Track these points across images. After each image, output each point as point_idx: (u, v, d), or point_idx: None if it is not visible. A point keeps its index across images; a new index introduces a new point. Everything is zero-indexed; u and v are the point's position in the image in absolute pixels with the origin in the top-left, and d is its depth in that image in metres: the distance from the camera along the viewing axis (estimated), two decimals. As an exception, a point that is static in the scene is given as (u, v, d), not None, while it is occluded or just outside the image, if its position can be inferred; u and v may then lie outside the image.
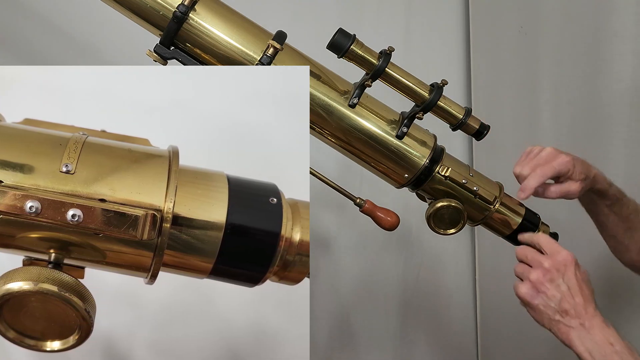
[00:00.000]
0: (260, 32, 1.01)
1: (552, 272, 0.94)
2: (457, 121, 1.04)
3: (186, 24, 0.95)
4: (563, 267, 0.94)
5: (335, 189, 1.07)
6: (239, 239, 0.82)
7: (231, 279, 0.87)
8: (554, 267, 0.94)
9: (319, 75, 1.02)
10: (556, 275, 0.93)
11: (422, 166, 1.05)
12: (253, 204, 0.85)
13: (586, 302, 0.93)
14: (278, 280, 0.89)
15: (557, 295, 0.93)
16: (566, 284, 0.93)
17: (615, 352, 0.89)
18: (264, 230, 0.84)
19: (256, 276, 0.86)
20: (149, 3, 0.95)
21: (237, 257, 0.83)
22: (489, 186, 1.09)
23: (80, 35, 1.41)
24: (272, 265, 0.85)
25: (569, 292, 0.93)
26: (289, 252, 0.85)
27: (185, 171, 0.85)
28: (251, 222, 0.83)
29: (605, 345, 0.90)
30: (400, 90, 1.02)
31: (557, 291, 0.93)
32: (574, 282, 0.93)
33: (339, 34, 0.99)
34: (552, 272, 0.94)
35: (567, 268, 0.94)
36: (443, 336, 1.91)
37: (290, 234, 0.85)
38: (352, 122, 1.03)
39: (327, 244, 1.75)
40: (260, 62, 0.96)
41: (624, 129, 1.39)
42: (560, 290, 0.93)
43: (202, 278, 0.86)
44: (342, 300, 1.80)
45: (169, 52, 0.98)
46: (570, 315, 0.92)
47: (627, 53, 1.36)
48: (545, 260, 0.95)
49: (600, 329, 0.91)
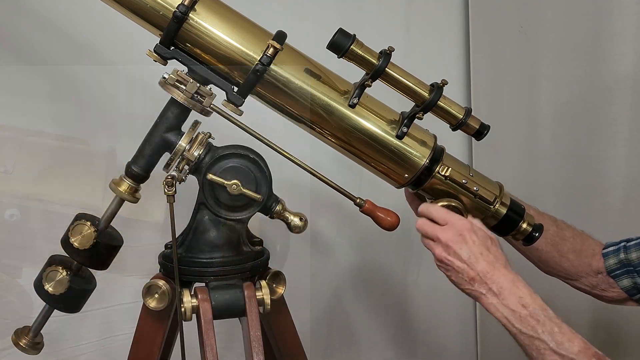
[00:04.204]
0: (260, 32, 1.01)
1: (450, 246, 0.96)
2: (457, 121, 1.04)
3: (186, 24, 0.96)
4: (459, 236, 0.96)
5: (335, 189, 1.07)
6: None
7: None
8: (451, 240, 0.96)
9: (319, 75, 1.02)
10: (456, 246, 0.95)
11: (422, 166, 1.05)
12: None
13: (491, 265, 0.94)
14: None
15: (462, 265, 0.95)
16: (466, 253, 0.95)
17: (529, 315, 0.90)
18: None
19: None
20: (149, 3, 0.95)
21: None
22: (489, 186, 1.09)
23: (80, 35, 1.41)
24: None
25: (470, 260, 0.95)
26: None
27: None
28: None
29: (518, 308, 0.91)
30: (400, 90, 1.02)
31: (460, 262, 0.95)
32: (474, 248, 0.95)
33: (339, 34, 0.99)
34: (450, 246, 0.96)
35: (463, 237, 0.96)
36: (443, 336, 1.91)
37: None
38: (352, 122, 1.03)
39: (327, 244, 1.75)
40: (261, 62, 0.96)
41: (625, 128, 1.39)
42: (463, 260, 0.95)
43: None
44: (342, 300, 1.79)
45: (169, 52, 0.98)
46: (478, 282, 0.94)
47: (627, 53, 1.37)
48: (441, 233, 0.97)
49: (509, 291, 0.92)
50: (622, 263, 1.15)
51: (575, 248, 1.19)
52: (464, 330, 1.91)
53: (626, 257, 1.15)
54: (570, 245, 1.19)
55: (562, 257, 1.19)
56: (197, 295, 0.97)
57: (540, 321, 0.89)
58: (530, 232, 1.10)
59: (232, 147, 1.02)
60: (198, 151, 1.00)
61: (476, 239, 0.96)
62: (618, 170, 1.41)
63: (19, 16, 1.37)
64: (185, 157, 0.99)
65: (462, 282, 0.96)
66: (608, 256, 1.17)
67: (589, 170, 1.48)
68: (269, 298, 1.00)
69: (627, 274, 1.15)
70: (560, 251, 1.19)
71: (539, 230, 1.10)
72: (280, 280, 1.09)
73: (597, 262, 1.18)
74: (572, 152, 1.52)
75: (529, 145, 1.64)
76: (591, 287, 1.20)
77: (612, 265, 1.16)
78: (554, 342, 0.88)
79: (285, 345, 1.14)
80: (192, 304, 0.97)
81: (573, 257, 1.19)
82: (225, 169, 1.01)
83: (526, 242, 1.11)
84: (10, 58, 1.38)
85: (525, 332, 0.90)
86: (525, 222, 1.09)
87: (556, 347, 0.88)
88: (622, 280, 1.16)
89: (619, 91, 1.39)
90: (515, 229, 1.09)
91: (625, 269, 1.15)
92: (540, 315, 0.90)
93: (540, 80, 1.59)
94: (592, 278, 1.19)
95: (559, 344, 0.88)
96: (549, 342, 0.88)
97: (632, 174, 1.39)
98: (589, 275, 1.19)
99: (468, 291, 0.96)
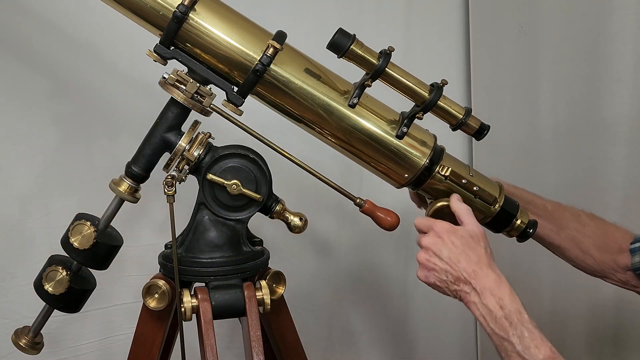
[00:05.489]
0: (260, 32, 1.01)
1: (430, 249, 0.96)
2: (457, 121, 1.04)
3: (186, 24, 0.96)
4: (438, 239, 0.96)
5: (335, 189, 1.07)
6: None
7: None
8: (430, 243, 0.97)
9: (319, 75, 1.02)
10: (434, 247, 0.96)
11: (422, 166, 1.05)
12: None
13: (473, 264, 0.94)
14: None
15: (445, 266, 0.95)
16: (446, 255, 0.95)
17: (504, 317, 0.90)
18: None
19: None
20: (149, 3, 0.95)
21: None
22: (489, 186, 1.09)
23: (80, 35, 1.41)
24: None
25: (451, 260, 0.95)
26: None
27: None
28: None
29: (495, 309, 0.91)
30: (400, 90, 1.02)
31: (442, 263, 0.95)
32: (452, 249, 0.95)
33: (339, 34, 0.99)
34: (430, 249, 0.96)
35: (442, 239, 0.96)
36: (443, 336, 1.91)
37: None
38: (352, 122, 1.03)
39: (327, 243, 1.75)
40: (261, 62, 0.96)
41: (625, 128, 1.39)
42: (444, 260, 0.95)
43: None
44: (342, 300, 1.79)
45: (169, 52, 0.98)
46: (463, 281, 0.94)
47: (627, 53, 1.36)
48: (423, 239, 0.98)
49: (490, 291, 0.92)
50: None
51: (597, 244, 1.14)
52: (464, 330, 1.91)
53: None
54: (592, 242, 1.15)
55: (585, 255, 1.15)
56: (197, 295, 0.98)
57: (512, 324, 0.89)
58: (524, 228, 1.10)
59: (232, 147, 1.03)
60: (198, 151, 1.00)
61: (455, 239, 0.96)
62: (618, 170, 1.41)
63: (19, 16, 1.37)
64: (185, 157, 0.99)
65: (447, 284, 0.95)
66: (635, 252, 1.11)
67: (589, 170, 1.48)
68: (269, 298, 1.00)
69: None
70: (582, 249, 1.15)
71: (533, 227, 1.10)
72: (280, 280, 1.09)
73: (624, 258, 1.12)
74: (572, 152, 1.52)
75: (529, 145, 1.64)
76: (623, 283, 1.15)
77: (638, 263, 1.10)
78: (521, 346, 0.87)
79: (285, 345, 1.14)
80: (192, 304, 0.97)
81: (597, 253, 1.14)
82: (225, 169, 1.01)
83: (520, 238, 1.11)
84: (10, 58, 1.38)
85: (498, 332, 0.90)
86: (519, 219, 1.10)
87: (522, 350, 0.87)
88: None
89: (619, 91, 1.39)
90: (509, 225, 1.09)
91: None
92: (514, 318, 0.89)
93: (540, 80, 1.58)
94: (621, 274, 1.14)
95: (525, 348, 0.87)
96: (517, 345, 0.88)
97: (632, 174, 1.39)
98: (617, 271, 1.14)
99: (455, 291, 0.95)
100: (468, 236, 0.97)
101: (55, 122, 1.42)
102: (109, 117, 1.46)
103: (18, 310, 1.42)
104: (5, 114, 1.39)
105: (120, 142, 1.44)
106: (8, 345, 1.06)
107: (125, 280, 1.51)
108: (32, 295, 1.00)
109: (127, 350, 1.07)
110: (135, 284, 1.41)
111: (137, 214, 1.47)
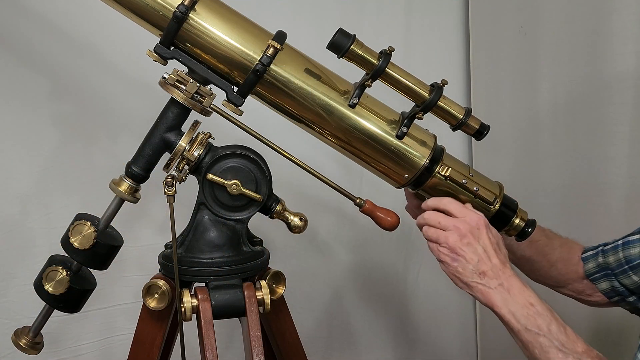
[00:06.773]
0: (260, 32, 1.01)
1: (467, 236, 0.96)
2: (457, 121, 1.04)
3: (186, 24, 0.95)
4: (477, 230, 0.96)
5: (335, 189, 1.07)
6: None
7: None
8: (468, 230, 0.96)
9: (319, 75, 1.02)
10: (471, 238, 0.96)
11: (422, 166, 1.05)
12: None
13: (502, 263, 0.95)
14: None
15: (475, 258, 0.95)
16: (482, 247, 0.95)
17: (537, 313, 0.91)
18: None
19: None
20: (149, 3, 0.95)
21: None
22: (489, 186, 1.09)
23: (80, 35, 1.41)
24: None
25: (485, 254, 0.95)
26: None
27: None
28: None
29: (526, 306, 0.92)
30: (400, 90, 1.02)
31: (474, 254, 0.95)
32: (488, 244, 0.96)
33: (339, 34, 0.99)
34: (467, 236, 0.96)
35: (480, 231, 0.96)
36: (443, 336, 1.91)
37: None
38: (352, 122, 1.03)
39: (327, 244, 1.75)
40: (261, 62, 0.96)
41: (625, 128, 1.38)
42: (477, 253, 0.95)
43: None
44: (342, 300, 1.79)
45: (169, 52, 0.98)
46: (488, 277, 0.94)
47: (627, 53, 1.36)
48: (459, 224, 0.97)
49: (519, 289, 0.93)
50: (600, 267, 1.16)
51: (563, 257, 1.20)
52: (464, 330, 1.91)
53: (604, 260, 1.16)
54: (558, 255, 1.20)
55: (552, 267, 1.20)
56: (197, 295, 0.97)
57: (546, 320, 0.90)
58: (523, 227, 1.10)
59: (232, 147, 1.02)
60: (198, 151, 1.00)
61: (492, 236, 0.97)
62: (618, 170, 1.41)
63: (19, 16, 1.37)
64: (185, 157, 0.99)
65: (467, 275, 0.95)
66: (587, 260, 1.19)
67: (589, 170, 1.48)
68: (269, 298, 1.00)
69: (606, 277, 1.16)
70: (549, 260, 1.20)
71: (532, 225, 1.10)
72: (280, 280, 1.09)
73: (582, 268, 1.19)
74: (572, 152, 1.52)
75: (529, 145, 1.64)
76: (577, 292, 1.21)
77: (591, 269, 1.18)
78: (559, 341, 0.89)
79: (285, 345, 1.14)
80: (192, 304, 0.97)
81: (561, 265, 1.20)
82: (225, 169, 1.01)
83: (519, 237, 1.11)
84: (10, 58, 1.38)
85: (531, 329, 0.90)
86: (518, 217, 1.10)
87: (561, 345, 0.89)
88: (601, 284, 1.17)
89: (619, 91, 1.39)
90: (508, 224, 1.10)
91: (604, 272, 1.16)
92: (547, 314, 0.91)
93: (540, 80, 1.58)
94: (579, 284, 1.20)
95: (563, 343, 0.89)
96: (554, 340, 0.89)
97: (632, 174, 1.39)
98: (576, 281, 1.20)
99: (472, 284, 0.95)
100: (499, 234, 1.00)
101: (55, 122, 1.42)
102: (109, 117, 1.46)
103: (18, 310, 1.42)
104: (5, 114, 1.39)
105: (120, 142, 1.44)
106: (8, 345, 1.06)
107: (125, 280, 1.51)
108: (32, 295, 1.00)
109: (127, 350, 1.07)
110: (135, 284, 1.42)
111: (137, 214, 1.47)
